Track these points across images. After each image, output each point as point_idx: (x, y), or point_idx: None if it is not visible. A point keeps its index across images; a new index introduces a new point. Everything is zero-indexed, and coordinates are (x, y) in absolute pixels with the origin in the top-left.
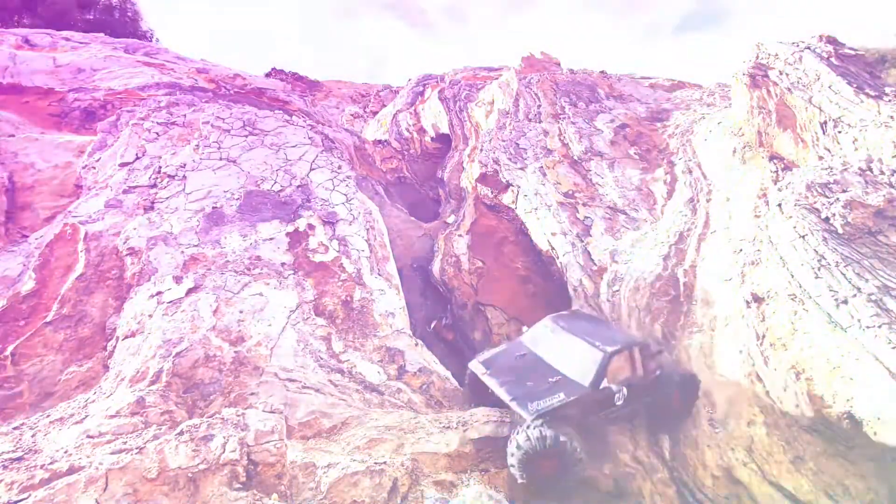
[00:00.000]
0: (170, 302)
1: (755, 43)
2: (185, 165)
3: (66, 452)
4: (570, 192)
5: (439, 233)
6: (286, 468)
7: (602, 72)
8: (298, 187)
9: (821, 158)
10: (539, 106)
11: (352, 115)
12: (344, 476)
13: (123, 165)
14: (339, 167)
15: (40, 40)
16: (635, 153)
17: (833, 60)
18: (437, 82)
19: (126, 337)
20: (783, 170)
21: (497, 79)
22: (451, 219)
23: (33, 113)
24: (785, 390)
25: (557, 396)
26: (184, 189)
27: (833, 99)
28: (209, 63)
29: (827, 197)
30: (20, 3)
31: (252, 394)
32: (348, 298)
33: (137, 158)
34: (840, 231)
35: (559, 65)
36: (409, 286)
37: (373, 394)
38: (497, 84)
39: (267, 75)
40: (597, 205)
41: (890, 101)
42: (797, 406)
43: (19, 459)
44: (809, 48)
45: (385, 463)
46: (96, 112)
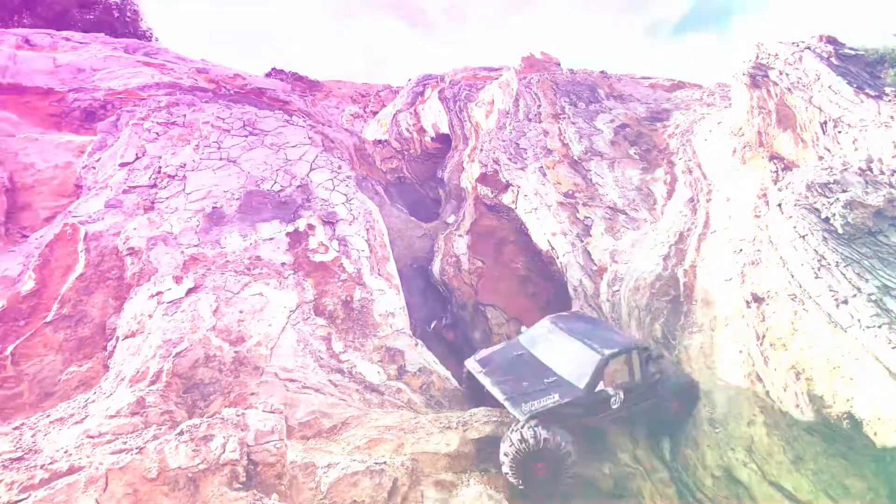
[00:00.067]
0: (170, 302)
1: (755, 43)
2: (185, 165)
3: (66, 452)
4: (570, 192)
5: (439, 233)
6: (286, 468)
7: (602, 72)
8: (298, 187)
9: (821, 158)
10: (539, 106)
11: (352, 115)
12: (344, 476)
13: (123, 165)
14: (339, 167)
15: (40, 40)
16: (635, 153)
17: (833, 60)
18: (437, 82)
19: (126, 337)
20: (783, 170)
21: (497, 79)
22: (451, 219)
23: (33, 113)
24: (785, 390)
25: (552, 398)
26: (184, 189)
27: (833, 99)
28: (209, 63)
29: (827, 197)
30: (20, 3)
31: (252, 394)
32: (348, 298)
33: (137, 158)
34: (840, 231)
35: (559, 65)
36: (409, 286)
37: (373, 394)
38: (497, 84)
39: (267, 75)
40: (597, 205)
41: (890, 101)
42: (797, 406)
43: (19, 459)
44: (809, 48)
45: (385, 463)
46: (96, 112)
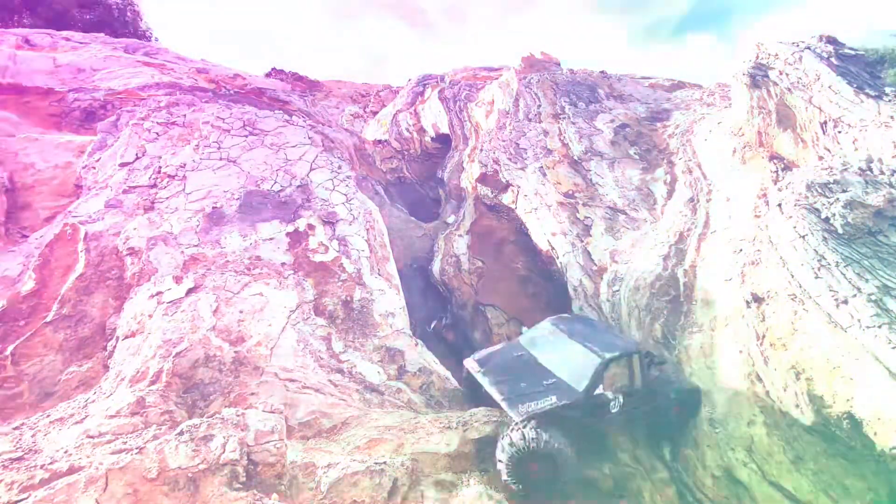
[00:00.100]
0: (170, 302)
1: (755, 43)
2: (185, 165)
3: (66, 452)
4: (570, 192)
5: (439, 233)
6: (286, 468)
7: (602, 72)
8: (298, 187)
9: (821, 158)
10: (539, 106)
11: (352, 115)
12: (344, 476)
13: (123, 165)
14: (339, 167)
15: (40, 40)
16: (635, 153)
17: (833, 60)
18: (437, 82)
19: (126, 337)
20: (783, 170)
21: (497, 79)
22: (451, 219)
23: (33, 113)
24: (785, 390)
25: (549, 400)
26: (184, 189)
27: (833, 99)
28: (209, 63)
29: (827, 197)
30: (20, 3)
31: (252, 394)
32: (348, 298)
33: (137, 158)
34: (840, 231)
35: (559, 65)
36: (409, 286)
37: (373, 394)
38: (497, 84)
39: (267, 75)
40: (597, 205)
41: (890, 101)
42: (797, 406)
43: (19, 459)
44: (809, 48)
45: (385, 463)
46: (96, 112)
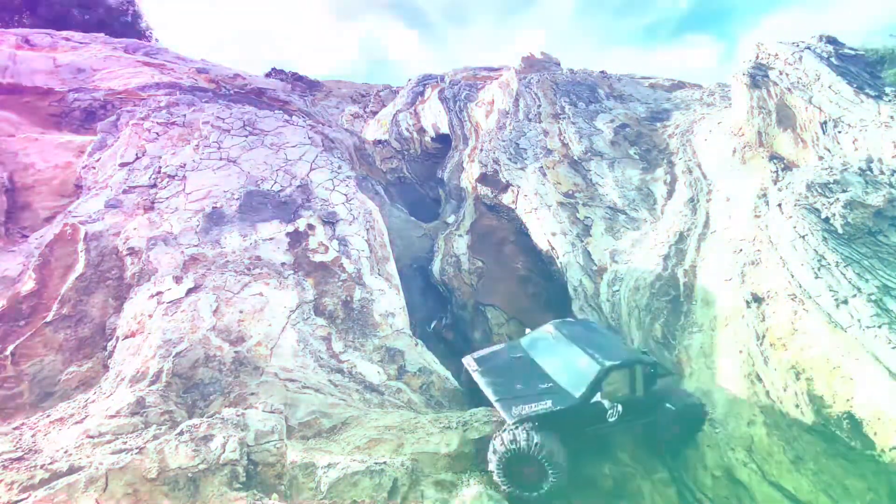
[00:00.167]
0: (170, 302)
1: (755, 43)
2: (185, 165)
3: (66, 452)
4: (570, 192)
5: (439, 233)
6: (286, 468)
7: (602, 72)
8: (298, 187)
9: (821, 158)
10: (539, 106)
11: (352, 115)
12: (344, 476)
13: (123, 165)
14: (339, 167)
15: (40, 40)
16: (635, 153)
17: (833, 60)
18: (437, 82)
19: (126, 337)
20: (783, 170)
21: (497, 79)
22: (451, 219)
23: (33, 113)
24: (785, 390)
25: (544, 404)
26: (184, 189)
27: (833, 99)
28: (209, 63)
29: (827, 197)
30: (20, 3)
31: (252, 394)
32: (348, 298)
33: (137, 158)
34: (840, 231)
35: (559, 65)
36: (409, 286)
37: (373, 394)
38: (497, 84)
39: (267, 75)
40: (597, 205)
41: (890, 101)
42: (797, 406)
43: (19, 459)
44: (809, 48)
45: (385, 463)
46: (96, 112)
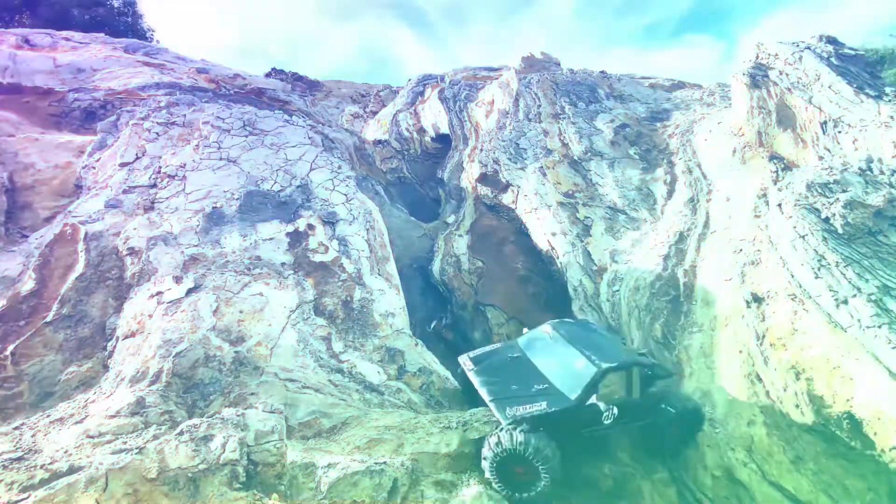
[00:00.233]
0: (170, 302)
1: (755, 43)
2: (185, 165)
3: (66, 452)
4: (570, 192)
5: (439, 233)
6: (286, 468)
7: (602, 72)
8: (298, 187)
9: (821, 158)
10: (539, 106)
11: (352, 115)
12: (344, 476)
13: (123, 165)
14: (339, 167)
15: (40, 40)
16: (635, 153)
17: (833, 60)
18: (438, 82)
19: (126, 337)
20: (783, 170)
21: (497, 79)
22: (451, 219)
23: (33, 113)
24: (785, 390)
25: (539, 405)
26: (184, 189)
27: (833, 99)
28: (209, 63)
29: (827, 197)
30: (20, 3)
31: (252, 394)
32: (348, 298)
33: (137, 158)
34: (840, 231)
35: (559, 65)
36: (409, 286)
37: (373, 394)
38: (497, 84)
39: (267, 75)
40: (597, 205)
41: (890, 101)
42: (797, 406)
43: (19, 459)
44: (809, 48)
45: (385, 463)
46: (96, 112)
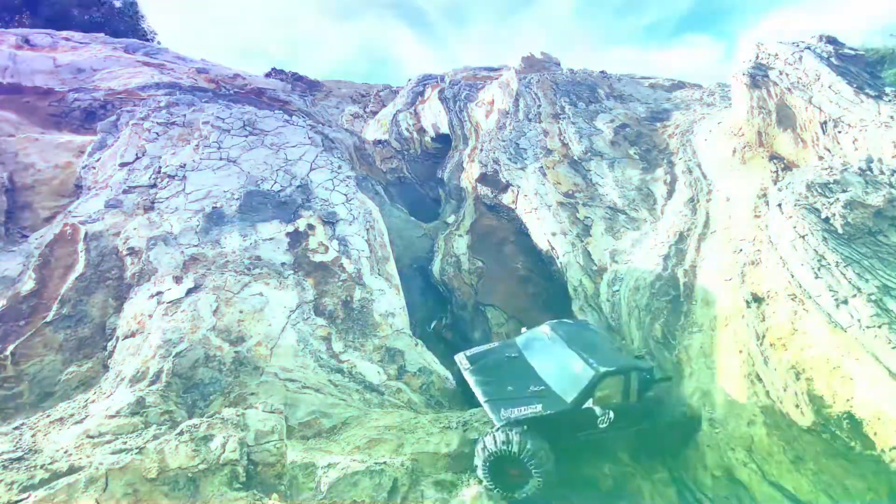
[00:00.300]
0: (170, 302)
1: (755, 43)
2: (185, 165)
3: (66, 452)
4: (570, 192)
5: (439, 233)
6: (286, 468)
7: (602, 72)
8: (298, 187)
9: (821, 158)
10: (539, 106)
11: (352, 115)
12: (344, 476)
13: (123, 165)
14: (339, 167)
15: (40, 40)
16: (635, 153)
17: (833, 60)
18: (437, 82)
19: (126, 337)
20: (783, 170)
21: (497, 79)
22: (451, 219)
23: (33, 113)
24: (785, 390)
25: (533, 408)
26: (184, 189)
27: (833, 99)
28: (209, 63)
29: (827, 197)
30: (20, 3)
31: (252, 394)
32: (348, 298)
33: (137, 158)
34: (840, 231)
35: (559, 65)
36: (409, 286)
37: (373, 394)
38: (497, 84)
39: (267, 75)
40: (597, 205)
41: (890, 101)
42: (797, 406)
43: (19, 459)
44: (809, 48)
45: (385, 463)
46: (96, 112)
